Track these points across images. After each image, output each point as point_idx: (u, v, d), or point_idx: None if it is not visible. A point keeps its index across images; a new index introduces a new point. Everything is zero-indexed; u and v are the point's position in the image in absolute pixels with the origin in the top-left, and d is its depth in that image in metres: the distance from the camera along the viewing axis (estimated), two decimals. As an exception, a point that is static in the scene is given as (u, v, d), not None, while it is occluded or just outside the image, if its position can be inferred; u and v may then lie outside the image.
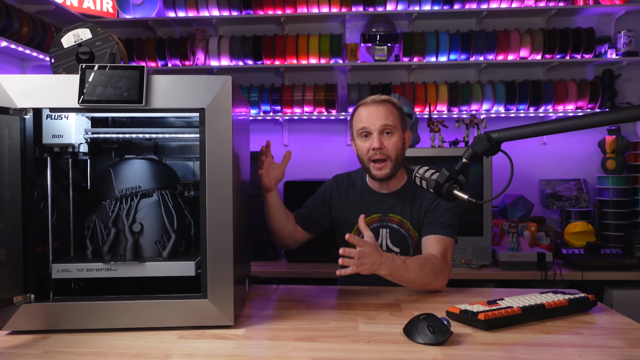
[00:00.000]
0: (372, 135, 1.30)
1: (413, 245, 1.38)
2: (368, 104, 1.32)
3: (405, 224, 1.37)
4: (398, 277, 1.17)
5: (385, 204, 1.37)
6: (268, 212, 1.37)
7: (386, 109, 1.30)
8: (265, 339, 0.95)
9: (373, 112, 1.29)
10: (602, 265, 2.12)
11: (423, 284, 1.22)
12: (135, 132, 1.14)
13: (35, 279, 0.97)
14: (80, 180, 1.19)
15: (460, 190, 1.02)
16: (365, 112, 1.31)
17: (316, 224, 1.46)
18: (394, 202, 1.37)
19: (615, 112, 0.85)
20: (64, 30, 1.07)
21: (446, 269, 1.26)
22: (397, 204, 1.37)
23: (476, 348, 0.90)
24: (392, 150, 1.30)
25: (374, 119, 1.29)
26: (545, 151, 2.68)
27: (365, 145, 1.31)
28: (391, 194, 1.38)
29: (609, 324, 1.03)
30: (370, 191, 1.40)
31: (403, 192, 1.38)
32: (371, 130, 1.29)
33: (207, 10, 2.59)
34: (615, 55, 2.49)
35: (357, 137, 1.34)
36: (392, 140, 1.30)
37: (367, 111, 1.30)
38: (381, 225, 1.38)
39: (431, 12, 2.54)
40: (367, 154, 1.31)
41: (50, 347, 0.90)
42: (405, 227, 1.37)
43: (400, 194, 1.37)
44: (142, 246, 1.05)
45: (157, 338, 0.95)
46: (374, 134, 1.29)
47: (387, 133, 1.30)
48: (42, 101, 0.94)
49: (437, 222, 1.32)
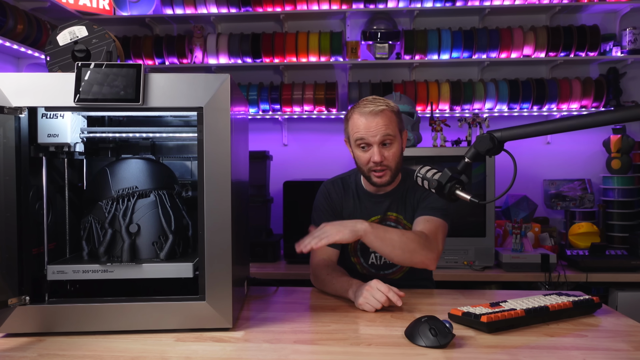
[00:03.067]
0: (371, 148, 1.27)
1: None
2: (366, 115, 1.27)
3: (401, 220, 1.37)
4: (379, 234, 1.15)
5: (383, 204, 1.38)
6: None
7: (385, 119, 1.26)
8: (265, 342, 0.94)
9: (372, 123, 1.26)
10: (607, 266, 2.10)
11: (408, 251, 1.18)
12: (132, 132, 1.14)
13: (31, 281, 0.97)
14: (76, 180, 1.19)
15: (463, 190, 1.01)
16: (363, 123, 1.27)
17: None
18: (391, 202, 1.38)
19: (621, 111, 0.85)
20: (59, 27, 1.06)
21: (434, 245, 1.23)
22: (393, 203, 1.38)
23: (479, 351, 0.89)
24: (393, 160, 1.29)
25: (374, 130, 1.26)
26: (549, 151, 2.66)
27: (365, 156, 1.29)
28: (387, 194, 1.38)
29: (614, 327, 1.03)
30: (366, 194, 1.39)
31: (398, 191, 1.38)
32: (370, 142, 1.27)
33: (205, 7, 2.58)
34: (621, 53, 2.47)
35: (354, 145, 1.31)
36: (392, 150, 1.29)
37: (365, 122, 1.26)
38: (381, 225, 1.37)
39: (433, 9, 2.52)
40: (366, 164, 1.30)
41: (45, 350, 0.90)
42: (401, 223, 1.37)
43: (395, 193, 1.38)
44: (139, 247, 1.05)
45: (154, 341, 0.94)
46: (373, 146, 1.27)
47: (387, 144, 1.28)
48: (37, 100, 0.94)
49: (427, 206, 1.32)
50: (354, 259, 1.40)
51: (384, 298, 1.10)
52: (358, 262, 1.40)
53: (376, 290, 1.11)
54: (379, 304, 1.10)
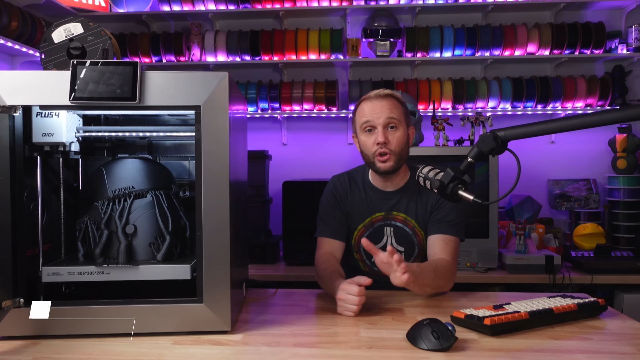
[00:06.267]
0: (376, 130, 1.29)
1: (418, 244, 1.36)
2: (372, 99, 1.31)
3: (409, 222, 1.35)
4: (419, 282, 1.15)
5: (390, 201, 1.36)
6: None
7: (390, 103, 1.29)
8: (263, 345, 0.94)
9: (377, 106, 1.29)
10: (613, 268, 2.09)
11: (437, 287, 1.23)
12: (128, 131, 1.13)
13: (25, 283, 0.96)
14: (72, 180, 1.18)
15: (466, 190, 1.00)
16: (369, 107, 1.30)
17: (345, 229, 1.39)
18: (399, 200, 1.36)
19: (626, 110, 0.84)
20: (54, 24, 1.06)
21: (454, 270, 1.28)
22: (402, 201, 1.36)
23: (482, 354, 0.88)
24: (397, 145, 1.29)
25: (378, 112, 1.28)
26: (553, 150, 2.64)
27: (370, 139, 1.30)
28: (395, 191, 1.36)
29: (620, 330, 1.02)
30: (373, 189, 1.38)
31: (407, 189, 1.36)
32: (375, 124, 1.28)
33: (203, 4, 2.57)
34: (626, 50, 2.45)
35: (360, 132, 1.32)
36: (397, 134, 1.29)
37: (371, 105, 1.30)
38: (385, 224, 1.36)
39: (435, 6, 2.50)
40: (371, 147, 1.30)
41: (40, 354, 0.89)
42: (409, 225, 1.35)
43: (404, 191, 1.36)
44: (135, 249, 1.04)
45: (151, 344, 0.93)
46: (378, 128, 1.28)
47: (392, 127, 1.29)
48: (31, 98, 0.93)
49: (443, 220, 1.31)
50: (356, 255, 1.39)
51: (356, 300, 1.08)
52: (361, 259, 1.39)
53: (347, 296, 1.09)
54: (354, 308, 1.08)
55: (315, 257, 1.35)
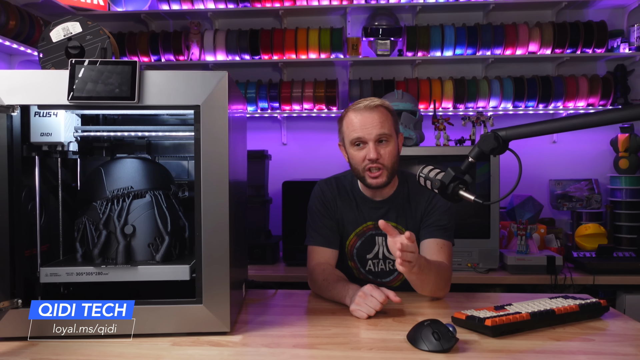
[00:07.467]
0: (367, 145, 1.25)
1: None
2: (361, 110, 1.26)
3: (401, 231, 1.32)
4: (423, 276, 1.14)
5: (379, 211, 1.34)
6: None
7: (381, 116, 1.25)
8: (263, 346, 0.93)
9: (367, 119, 1.24)
10: (615, 269, 2.08)
11: (437, 289, 1.21)
12: (127, 130, 1.13)
13: (23, 284, 0.96)
14: (70, 181, 1.18)
15: (467, 190, 0.99)
16: (359, 120, 1.25)
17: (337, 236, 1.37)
18: (388, 210, 1.34)
19: (628, 109, 0.84)
20: (52, 23, 1.06)
21: (451, 276, 1.26)
22: (392, 211, 1.34)
23: (483, 356, 0.88)
24: (388, 160, 1.26)
25: (369, 128, 1.24)
26: (555, 150, 2.63)
27: (360, 154, 1.27)
28: (384, 201, 1.34)
29: (622, 331, 1.02)
30: (363, 199, 1.35)
31: (396, 198, 1.34)
32: (366, 139, 1.25)
33: (202, 2, 2.56)
34: (628, 49, 2.44)
35: (349, 145, 1.29)
36: (388, 149, 1.26)
37: (361, 119, 1.25)
38: (376, 233, 1.34)
39: (436, 5, 2.49)
40: (362, 163, 1.27)
41: (38, 355, 0.89)
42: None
43: (393, 200, 1.34)
44: (134, 249, 1.04)
45: (150, 345, 0.93)
46: (369, 143, 1.25)
47: (383, 141, 1.26)
48: (29, 98, 0.93)
49: (436, 225, 1.29)
50: (350, 263, 1.37)
51: (378, 306, 1.07)
52: (355, 267, 1.37)
53: (370, 297, 1.08)
54: (372, 311, 1.08)
55: (310, 266, 1.31)
